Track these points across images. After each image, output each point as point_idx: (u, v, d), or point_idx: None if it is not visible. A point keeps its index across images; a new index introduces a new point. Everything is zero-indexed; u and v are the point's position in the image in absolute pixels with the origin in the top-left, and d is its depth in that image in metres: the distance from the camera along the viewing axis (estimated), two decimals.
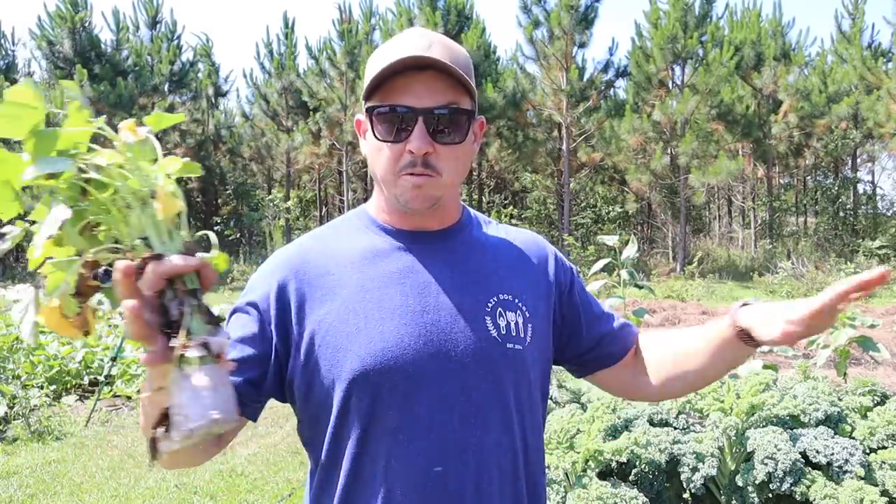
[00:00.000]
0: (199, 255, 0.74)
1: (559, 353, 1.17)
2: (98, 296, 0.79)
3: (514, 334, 1.03)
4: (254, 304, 1.02)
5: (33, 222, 0.75)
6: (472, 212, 1.17)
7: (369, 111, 0.99)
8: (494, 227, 1.17)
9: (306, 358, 1.00)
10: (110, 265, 0.73)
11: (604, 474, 2.78)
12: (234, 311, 1.04)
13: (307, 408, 1.04)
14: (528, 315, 1.06)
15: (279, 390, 1.04)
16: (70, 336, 0.78)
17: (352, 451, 0.98)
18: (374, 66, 0.99)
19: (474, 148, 1.06)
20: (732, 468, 2.80)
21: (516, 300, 1.06)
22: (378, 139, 0.99)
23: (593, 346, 1.18)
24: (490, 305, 1.03)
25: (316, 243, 1.08)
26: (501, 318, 1.03)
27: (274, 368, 1.01)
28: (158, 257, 0.71)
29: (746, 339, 1.03)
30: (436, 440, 0.97)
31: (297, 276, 1.03)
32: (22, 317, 0.76)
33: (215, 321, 0.74)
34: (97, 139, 0.77)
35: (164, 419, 0.72)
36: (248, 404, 1.01)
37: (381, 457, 0.97)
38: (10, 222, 0.76)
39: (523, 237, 1.18)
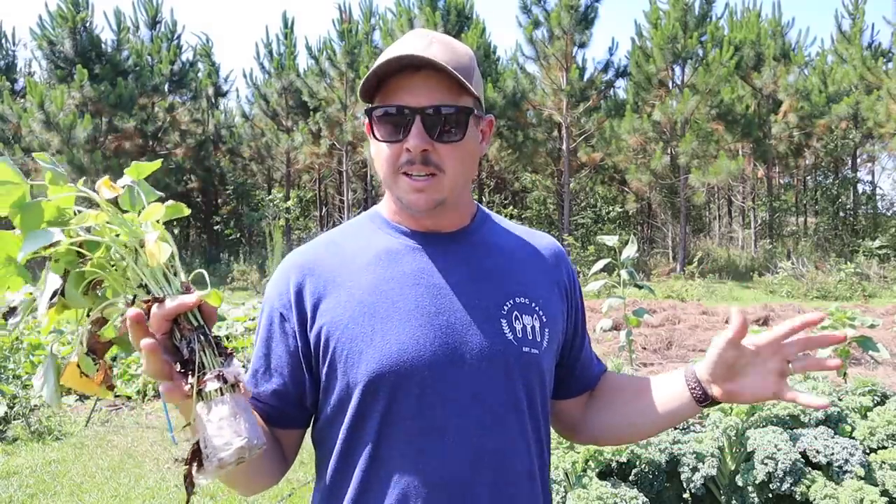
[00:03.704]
0: (196, 293, 0.77)
1: None
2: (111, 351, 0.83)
3: (530, 338, 1.02)
4: (277, 315, 1.03)
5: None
6: (487, 211, 1.16)
7: (368, 113, 1.00)
8: (512, 228, 1.16)
9: (323, 359, 1.00)
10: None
11: (604, 474, 2.78)
12: (261, 326, 1.05)
13: (323, 408, 1.03)
14: (544, 320, 1.05)
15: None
16: (95, 394, 0.82)
17: (366, 453, 0.98)
18: (372, 68, 0.99)
19: (482, 147, 1.05)
20: (732, 468, 2.80)
21: (533, 304, 1.05)
22: (378, 139, 0.99)
23: (566, 372, 1.16)
24: (506, 308, 1.02)
25: (329, 245, 1.08)
26: (517, 322, 1.02)
27: (308, 375, 1.02)
28: (158, 300, 0.74)
29: (700, 398, 1.03)
30: (451, 443, 0.96)
31: (312, 277, 1.02)
32: (42, 384, 0.80)
33: (225, 353, 0.77)
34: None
35: (197, 455, 0.74)
36: (297, 417, 1.04)
37: (395, 460, 0.96)
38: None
39: (541, 241, 1.16)
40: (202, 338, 0.75)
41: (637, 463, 2.74)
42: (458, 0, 19.28)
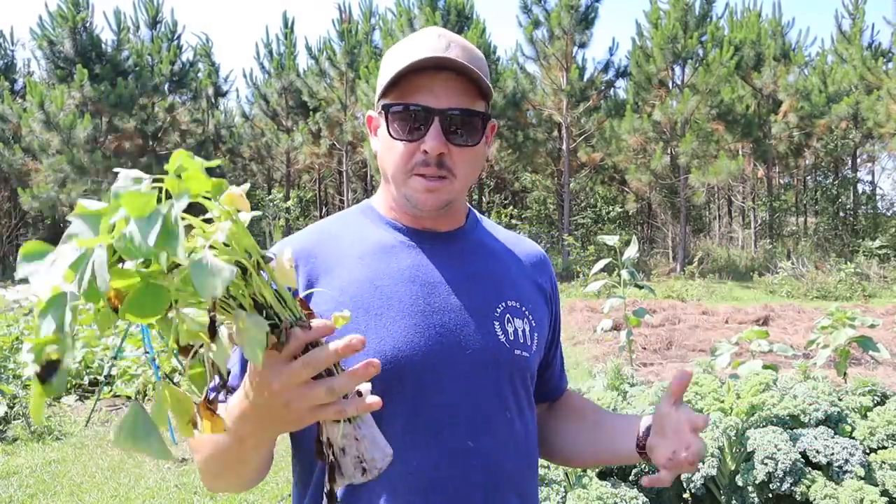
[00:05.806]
0: (333, 314, 0.76)
1: None
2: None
3: (521, 341, 1.02)
4: None
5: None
6: (478, 214, 1.16)
7: (385, 108, 0.98)
8: (499, 232, 1.16)
9: None
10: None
11: (604, 474, 2.78)
12: None
13: None
14: (533, 324, 1.06)
15: None
16: (219, 433, 0.71)
17: None
18: (391, 63, 0.97)
19: (486, 150, 1.05)
20: (732, 468, 2.80)
21: (523, 308, 1.05)
22: (392, 137, 0.97)
23: (537, 378, 1.15)
24: (499, 310, 1.02)
25: (323, 235, 1.06)
26: (509, 324, 1.02)
27: None
28: (302, 325, 0.70)
29: (641, 446, 1.05)
30: (442, 442, 0.95)
31: (305, 267, 1.00)
32: (135, 438, 0.65)
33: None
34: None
35: (333, 470, 0.76)
36: None
37: None
38: None
39: (527, 247, 1.17)
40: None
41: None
42: (458, 0, 19.28)
